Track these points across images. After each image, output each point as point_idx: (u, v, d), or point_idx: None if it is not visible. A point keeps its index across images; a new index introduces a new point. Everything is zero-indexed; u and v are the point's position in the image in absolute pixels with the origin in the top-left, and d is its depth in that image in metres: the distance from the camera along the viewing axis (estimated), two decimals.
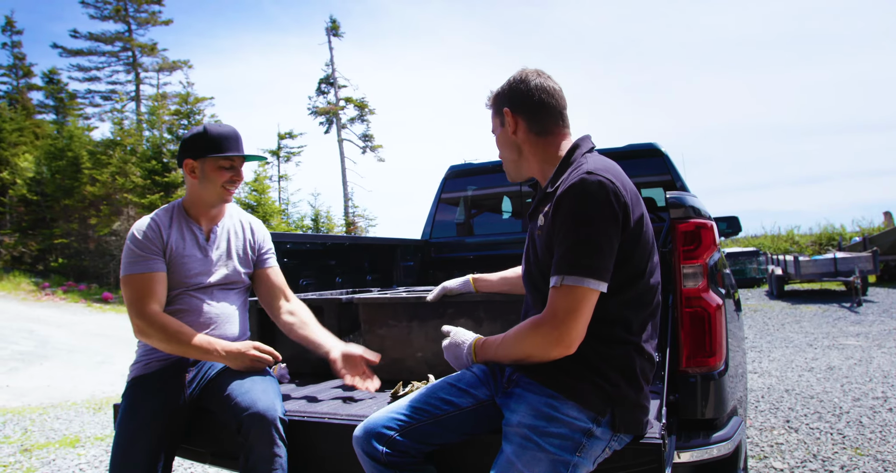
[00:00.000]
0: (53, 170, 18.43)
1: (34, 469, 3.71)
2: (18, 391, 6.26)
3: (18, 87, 28.46)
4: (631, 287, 1.51)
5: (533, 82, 1.66)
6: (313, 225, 24.45)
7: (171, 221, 2.18)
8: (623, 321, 1.52)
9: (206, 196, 2.18)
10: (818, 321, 9.81)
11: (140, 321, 2.00)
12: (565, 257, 1.44)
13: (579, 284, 1.41)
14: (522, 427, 1.46)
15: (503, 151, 1.75)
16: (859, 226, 22.26)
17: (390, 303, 2.37)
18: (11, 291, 14.59)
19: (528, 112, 1.66)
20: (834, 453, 3.51)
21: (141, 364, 2.11)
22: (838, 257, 12.83)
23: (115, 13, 27.73)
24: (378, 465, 1.59)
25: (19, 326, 10.05)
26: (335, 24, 30.84)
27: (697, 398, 1.87)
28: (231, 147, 2.15)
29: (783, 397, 4.97)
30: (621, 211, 1.45)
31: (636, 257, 1.51)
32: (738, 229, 4.25)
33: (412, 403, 1.66)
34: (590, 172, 1.46)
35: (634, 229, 1.48)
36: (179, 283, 2.13)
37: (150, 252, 2.08)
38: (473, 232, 4.52)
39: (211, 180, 2.15)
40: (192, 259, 2.15)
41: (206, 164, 2.14)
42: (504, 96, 1.70)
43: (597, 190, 1.43)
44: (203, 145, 2.13)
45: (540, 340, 1.47)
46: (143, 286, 2.03)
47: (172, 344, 1.99)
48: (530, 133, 1.67)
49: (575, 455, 1.43)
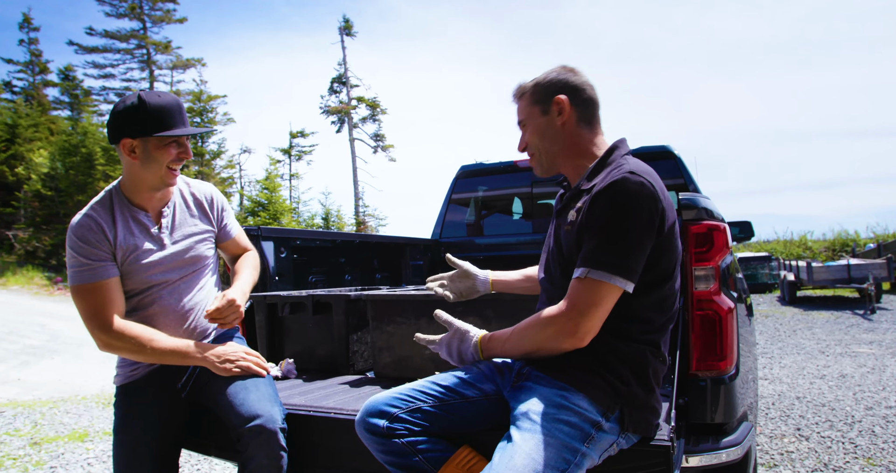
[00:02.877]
0: (67, 166, 18.62)
1: (43, 463, 3.74)
2: (29, 384, 6.32)
3: (35, 83, 28.75)
4: (655, 290, 1.51)
5: (582, 77, 1.68)
6: (324, 224, 24.52)
7: (112, 214, 1.90)
8: (643, 321, 1.51)
9: (148, 179, 1.89)
10: (830, 327, 9.71)
11: (104, 334, 1.80)
12: (595, 252, 1.43)
13: (605, 279, 1.41)
14: (532, 413, 1.44)
15: (541, 141, 1.69)
16: (873, 232, 22.09)
17: (398, 300, 2.36)
18: (25, 285, 14.75)
19: (580, 104, 1.66)
20: (845, 462, 3.47)
21: (127, 369, 1.97)
22: (852, 263, 12.70)
23: (130, 11, 27.96)
24: (380, 438, 1.56)
25: (31, 320, 10.15)
26: (348, 24, 30.95)
27: (707, 402, 1.85)
28: (176, 122, 1.87)
29: (794, 404, 4.92)
30: (658, 216, 1.45)
31: (664, 262, 1.51)
32: (751, 234, 4.21)
33: (416, 386, 1.64)
34: (632, 172, 1.46)
35: (667, 235, 1.49)
36: (141, 283, 1.91)
37: (98, 258, 1.83)
38: (483, 232, 4.51)
39: (155, 159, 1.86)
40: (147, 254, 1.91)
41: (148, 143, 1.84)
42: (554, 85, 1.66)
43: (637, 190, 1.43)
44: (143, 122, 1.82)
45: (554, 330, 1.47)
46: (99, 297, 1.81)
47: (146, 354, 1.83)
48: (578, 125, 1.66)
49: (583, 445, 1.41)
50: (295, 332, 2.64)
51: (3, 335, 8.63)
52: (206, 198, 2.12)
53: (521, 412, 1.46)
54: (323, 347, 2.57)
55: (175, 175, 1.93)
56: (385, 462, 1.58)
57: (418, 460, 1.54)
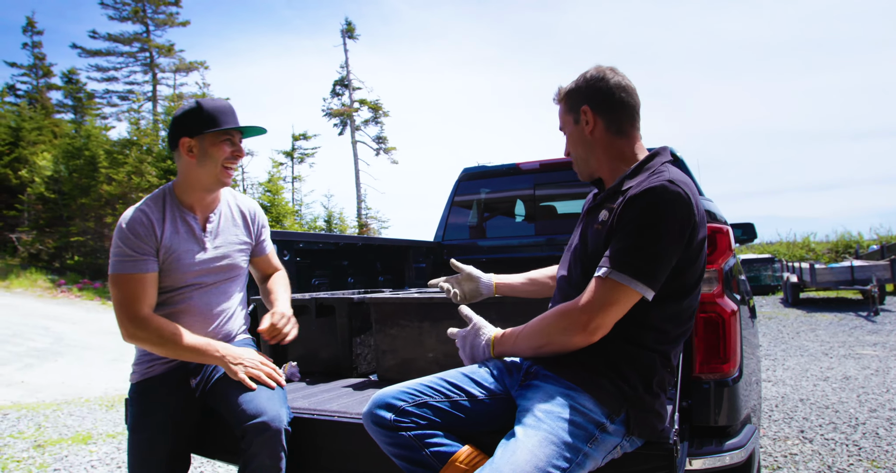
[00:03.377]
0: (71, 169, 18.64)
1: (47, 465, 3.74)
2: (33, 387, 6.33)
3: (38, 86, 28.83)
4: (674, 303, 1.51)
5: (612, 80, 1.65)
6: (326, 226, 24.53)
7: (163, 213, 2.00)
8: (657, 331, 1.51)
9: (204, 178, 2.01)
10: (834, 329, 9.68)
11: (131, 325, 1.88)
12: (621, 254, 1.44)
13: (626, 282, 1.41)
14: (537, 410, 1.44)
15: (575, 148, 1.72)
16: (877, 234, 22.03)
17: (402, 303, 2.37)
18: (28, 288, 14.77)
19: (607, 111, 1.65)
20: (849, 465, 3.46)
21: (144, 366, 2.03)
22: (855, 265, 12.68)
23: (134, 14, 28.03)
24: (387, 430, 1.56)
25: (35, 323, 10.17)
26: (350, 27, 30.99)
27: (711, 404, 1.85)
28: (229, 121, 2.00)
29: (798, 406, 4.91)
30: (689, 228, 1.45)
31: (687, 275, 1.51)
32: (754, 236, 4.21)
33: (424, 381, 1.64)
34: (672, 181, 1.46)
35: (695, 249, 1.49)
36: (177, 281, 2.00)
37: (143, 252, 1.92)
38: (486, 235, 4.51)
39: (211, 156, 1.98)
40: (189, 255, 2.00)
41: (204, 140, 1.98)
42: (581, 94, 1.67)
43: (674, 200, 1.43)
44: (200, 121, 1.96)
45: (566, 323, 1.47)
46: (135, 288, 1.89)
47: (167, 348, 1.89)
48: (608, 132, 1.66)
49: (586, 445, 1.41)
50: (298, 335, 2.64)
51: (7, 338, 8.65)
52: (249, 212, 2.23)
53: (527, 409, 1.46)
54: (326, 350, 2.58)
55: (229, 175, 2.03)
56: (392, 454, 1.58)
57: (425, 454, 1.54)
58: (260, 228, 2.26)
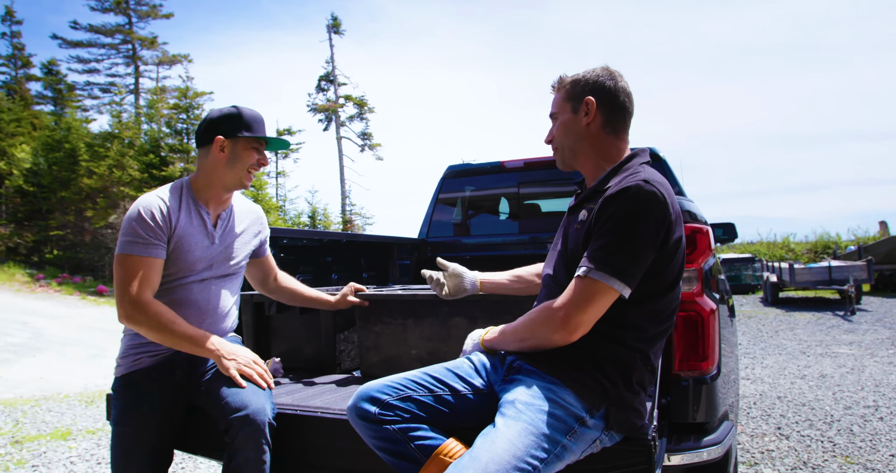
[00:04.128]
0: (50, 161, 18.37)
1: (25, 462, 3.70)
2: (11, 382, 6.25)
3: (17, 77, 28.38)
4: (651, 302, 1.54)
5: (620, 83, 1.70)
6: (310, 222, 24.42)
7: (179, 203, 2.06)
8: (635, 329, 1.54)
9: (228, 178, 2.09)
10: (812, 328, 9.84)
11: (130, 305, 1.88)
12: (598, 252, 1.47)
13: (603, 280, 1.44)
14: (517, 402, 1.46)
15: (565, 137, 1.73)
16: (854, 235, 22.37)
17: (385, 300, 2.38)
18: (6, 282, 14.54)
19: (609, 109, 1.68)
20: (824, 461, 3.53)
21: (130, 359, 2.02)
22: (833, 265, 12.87)
23: (116, 5, 27.68)
24: (371, 423, 1.58)
25: (13, 318, 10.02)
26: (336, 22, 30.84)
27: (689, 401, 1.88)
28: (262, 131, 2.12)
29: (775, 404, 4.99)
30: (664, 227, 1.48)
31: (665, 274, 1.53)
32: (735, 236, 4.26)
33: (409, 375, 1.66)
34: (647, 181, 1.49)
35: (671, 248, 1.51)
36: (181, 271, 2.03)
37: (155, 237, 1.95)
38: (470, 232, 4.52)
39: (241, 159, 2.08)
40: (197, 247, 2.05)
41: (238, 143, 2.07)
42: (589, 85, 1.69)
43: (649, 199, 1.46)
44: (237, 124, 2.07)
45: (546, 319, 1.51)
46: (139, 270, 1.91)
47: (163, 334, 1.89)
48: (603, 129, 1.69)
49: (565, 437, 1.43)
50: (282, 331, 2.64)
51: None
52: (256, 214, 2.32)
53: (508, 401, 1.48)
54: (310, 346, 2.58)
55: (251, 179, 2.14)
56: (377, 447, 1.60)
57: (409, 447, 1.55)
58: (263, 229, 2.35)
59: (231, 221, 2.19)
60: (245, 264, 2.25)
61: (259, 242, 2.32)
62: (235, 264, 2.18)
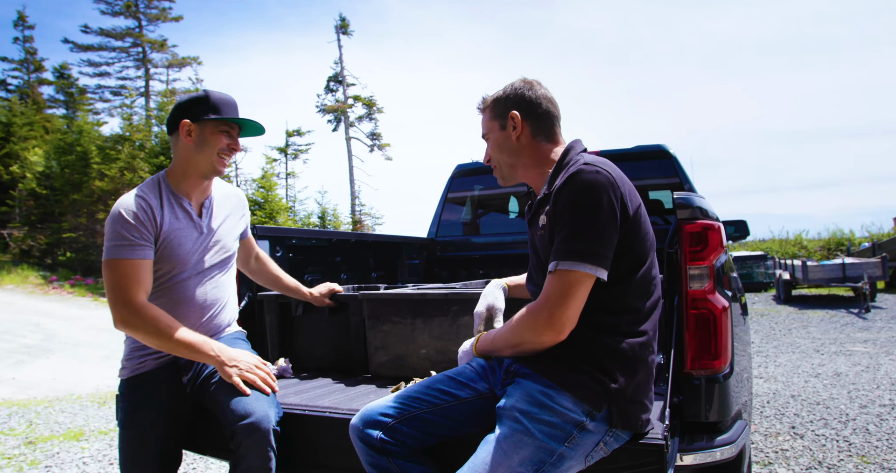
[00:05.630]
0: (62, 164, 18.51)
1: (38, 462, 3.73)
2: (24, 383, 6.30)
3: (29, 81, 28.63)
4: (633, 276, 1.53)
5: (539, 91, 1.73)
6: (320, 223, 24.47)
7: (160, 199, 2.00)
8: (630, 310, 1.53)
9: (200, 163, 2.02)
10: (825, 326, 9.74)
11: (125, 310, 1.82)
12: (562, 245, 1.47)
13: (573, 268, 1.43)
14: (514, 411, 1.47)
15: (500, 154, 1.76)
16: (868, 231, 22.14)
17: (394, 299, 2.37)
18: (20, 284, 14.67)
19: (534, 118, 1.71)
20: (840, 460, 3.49)
21: (135, 361, 2.00)
22: (847, 262, 12.74)
23: (126, 9, 27.87)
24: (372, 451, 1.60)
25: (26, 319, 10.11)
26: (344, 22, 30.88)
27: (702, 400, 1.86)
28: (231, 114, 2.04)
29: (789, 402, 4.94)
30: (618, 201, 1.47)
31: (637, 246, 1.53)
32: (747, 233, 4.22)
33: (410, 392, 1.68)
34: (586, 163, 1.51)
35: (633, 220, 1.51)
36: (174, 267, 1.99)
37: (141, 237, 1.90)
38: (479, 231, 4.51)
39: (209, 143, 2.00)
40: (187, 240, 2.01)
41: (205, 127, 2.00)
42: (510, 101, 1.72)
43: (593, 180, 1.47)
44: (204, 108, 2.00)
45: (531, 323, 1.50)
46: (131, 273, 1.85)
47: (162, 340, 1.83)
48: (534, 139, 1.71)
49: (562, 445, 1.43)
50: (309, 332, 2.63)
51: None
52: (237, 197, 2.30)
53: (505, 410, 1.49)
54: (338, 347, 2.56)
55: (224, 164, 2.06)
56: (370, 470, 1.63)
57: None
58: (246, 212, 2.34)
59: (215, 209, 2.15)
60: (236, 249, 2.24)
61: (244, 224, 2.32)
62: (227, 251, 2.17)
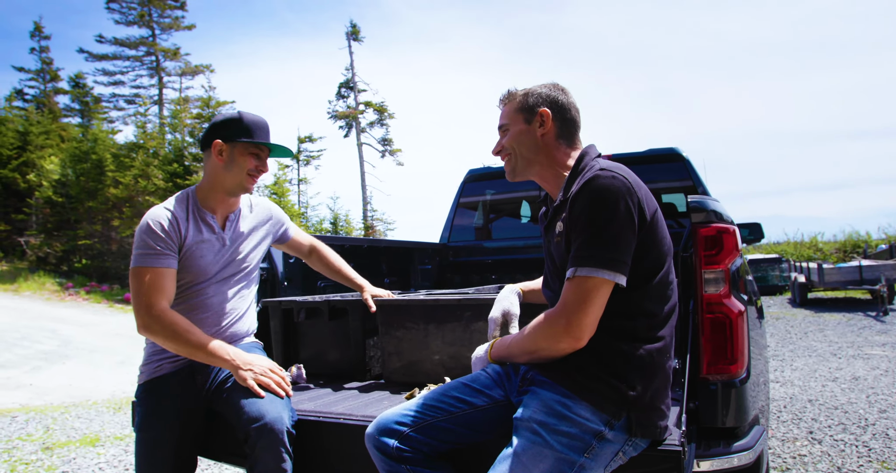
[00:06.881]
0: (78, 172, 18.72)
1: (55, 468, 3.76)
2: (41, 389, 6.36)
3: (45, 91, 29.02)
4: (650, 281, 1.52)
5: (571, 98, 1.75)
6: (332, 228, 24.56)
7: (187, 212, 2.10)
8: (647, 316, 1.51)
9: (228, 182, 2.11)
10: (842, 329, 9.62)
11: (147, 316, 1.91)
12: (579, 250, 1.46)
13: (591, 274, 1.42)
14: (532, 423, 1.45)
15: (519, 146, 1.73)
16: (885, 233, 21.88)
17: (407, 305, 2.37)
18: (36, 291, 14.84)
19: (561, 121, 1.71)
20: (859, 466, 3.43)
21: (152, 366, 2.06)
22: (863, 264, 12.59)
23: (140, 18, 28.20)
24: (388, 459, 1.59)
25: (43, 325, 10.22)
26: (355, 29, 31.05)
27: (718, 405, 1.84)
28: (262, 137, 2.12)
29: (806, 407, 4.88)
30: (635, 206, 1.46)
31: (654, 251, 1.52)
32: (761, 236, 4.18)
33: (425, 400, 1.67)
34: (602, 169, 1.50)
35: (650, 224, 1.50)
36: (195, 277, 2.07)
37: (166, 247, 2.00)
38: (492, 236, 4.50)
39: (238, 164, 2.09)
40: (209, 252, 2.09)
41: (236, 148, 2.09)
42: (542, 99, 1.72)
43: (609, 185, 1.46)
44: (236, 129, 2.09)
45: (549, 331, 1.48)
46: (155, 281, 1.95)
47: (179, 344, 1.91)
48: (557, 140, 1.71)
49: (582, 456, 1.42)
50: (310, 337, 2.63)
51: (16, 341, 8.70)
52: (264, 208, 2.35)
53: (522, 421, 1.48)
54: (339, 352, 2.57)
55: (253, 182, 2.15)
56: None
57: None
58: (277, 221, 2.39)
59: (240, 223, 2.22)
60: (259, 265, 2.29)
61: (273, 239, 2.39)
62: (248, 265, 2.21)
